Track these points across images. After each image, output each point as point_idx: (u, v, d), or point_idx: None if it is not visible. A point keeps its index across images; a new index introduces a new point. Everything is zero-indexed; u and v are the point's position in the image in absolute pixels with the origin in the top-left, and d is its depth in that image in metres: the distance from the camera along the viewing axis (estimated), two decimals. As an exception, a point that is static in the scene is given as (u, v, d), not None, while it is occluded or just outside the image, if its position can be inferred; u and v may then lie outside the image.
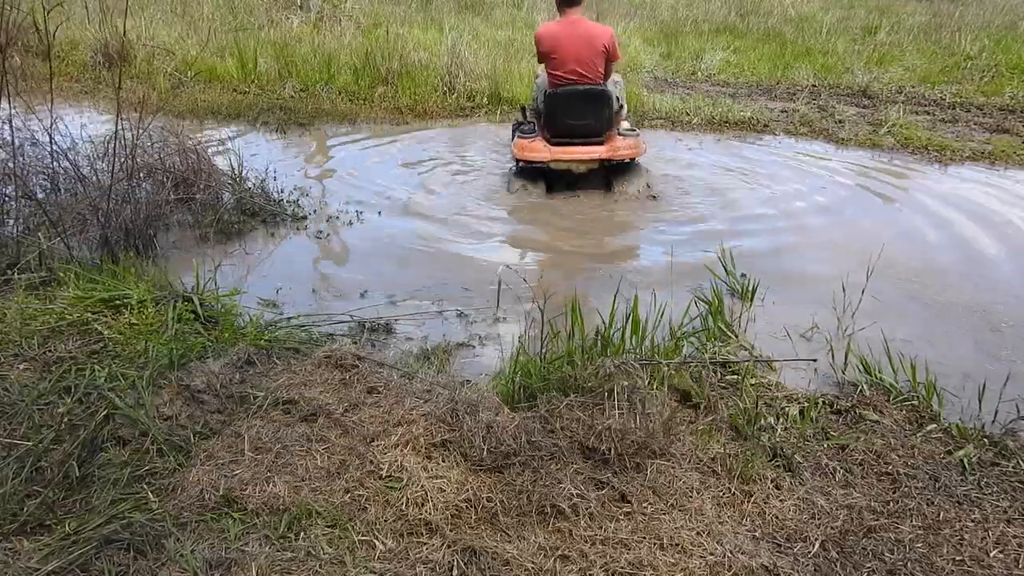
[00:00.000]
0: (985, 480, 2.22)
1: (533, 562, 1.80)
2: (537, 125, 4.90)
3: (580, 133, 4.64)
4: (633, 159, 4.78)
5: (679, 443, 2.25)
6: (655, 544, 1.86)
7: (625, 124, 5.00)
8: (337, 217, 4.35)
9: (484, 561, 1.80)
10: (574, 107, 4.57)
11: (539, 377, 2.46)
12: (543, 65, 4.78)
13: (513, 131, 5.22)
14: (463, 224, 4.32)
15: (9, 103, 3.40)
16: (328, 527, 1.88)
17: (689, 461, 2.19)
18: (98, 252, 3.40)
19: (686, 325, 2.95)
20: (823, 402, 2.57)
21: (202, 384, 2.41)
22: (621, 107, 4.92)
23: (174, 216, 3.99)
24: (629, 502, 2.02)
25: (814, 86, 8.04)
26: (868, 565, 1.88)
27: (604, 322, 2.73)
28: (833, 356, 2.87)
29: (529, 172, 4.79)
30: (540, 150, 4.67)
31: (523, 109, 5.31)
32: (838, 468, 2.23)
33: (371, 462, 2.11)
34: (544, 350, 2.60)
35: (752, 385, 2.62)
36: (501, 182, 5.00)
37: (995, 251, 4.05)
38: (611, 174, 4.80)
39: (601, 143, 4.68)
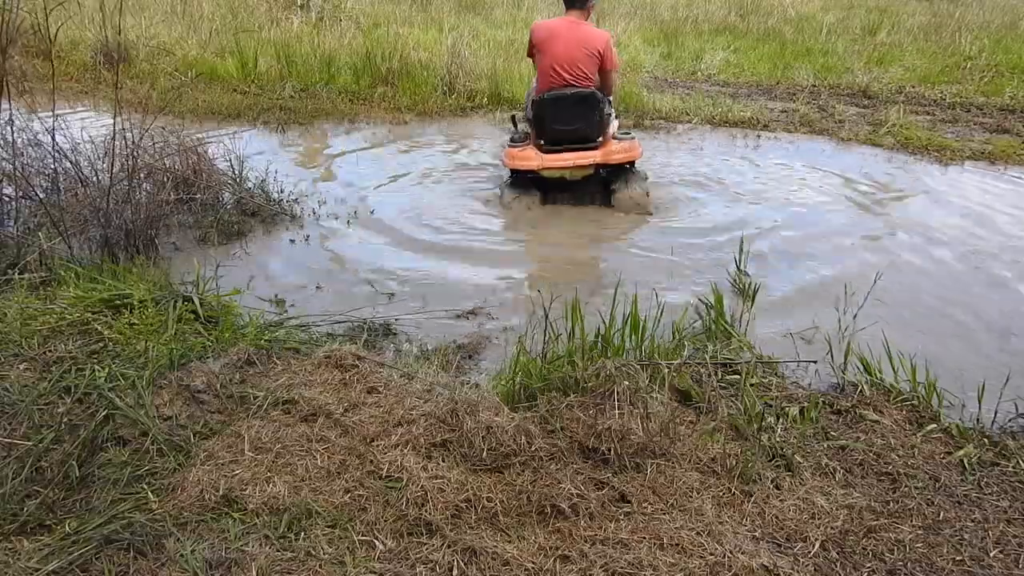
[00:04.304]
0: (985, 480, 2.22)
1: (533, 562, 1.80)
2: (530, 134, 4.69)
3: (572, 139, 4.46)
4: (630, 163, 4.59)
5: (679, 443, 2.25)
6: (655, 544, 1.86)
7: (615, 123, 4.81)
8: (337, 217, 4.35)
9: (484, 561, 1.80)
10: (564, 112, 4.37)
11: (539, 377, 2.46)
12: (532, 63, 4.60)
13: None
14: (463, 223, 4.31)
15: (10, 104, 3.41)
16: (328, 527, 1.88)
17: (689, 461, 2.19)
18: (98, 252, 3.40)
19: (687, 326, 2.95)
20: (823, 402, 2.57)
21: (202, 384, 2.41)
22: (609, 113, 4.63)
23: (174, 216, 3.99)
24: (629, 502, 2.02)
25: (814, 86, 8.04)
26: (868, 565, 1.88)
27: (605, 322, 2.73)
28: (833, 356, 2.87)
29: (522, 182, 4.62)
30: (531, 158, 4.50)
31: (513, 118, 5.10)
32: (838, 468, 2.23)
33: (371, 462, 2.11)
34: (544, 350, 2.60)
35: (752, 385, 2.62)
36: (501, 182, 5.00)
37: (997, 251, 4.04)
38: (607, 180, 4.63)
39: (595, 148, 4.50)
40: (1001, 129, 6.52)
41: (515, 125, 4.97)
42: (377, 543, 1.85)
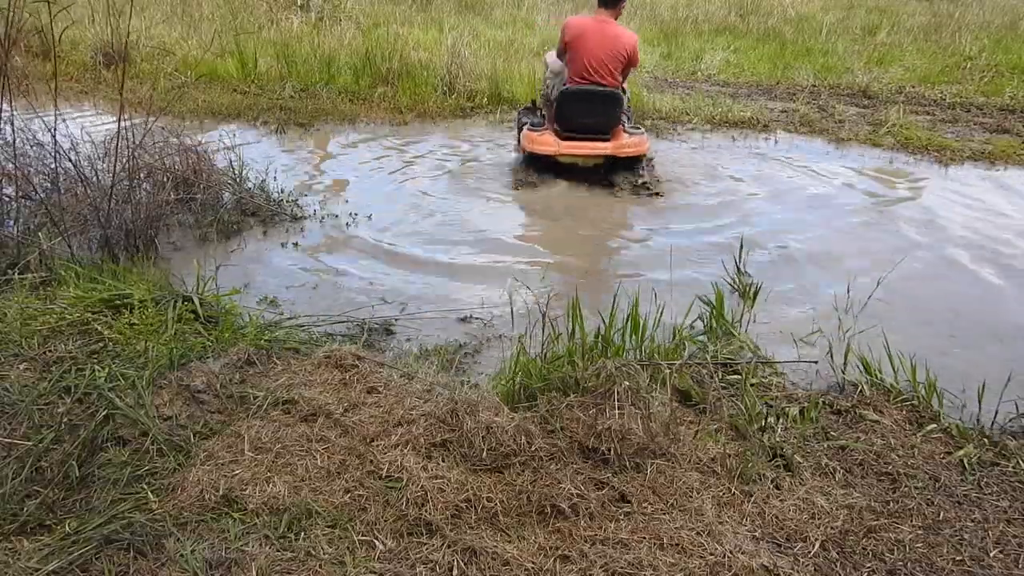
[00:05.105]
0: (985, 480, 2.22)
1: (533, 562, 1.80)
2: (547, 116, 5.02)
3: (589, 130, 4.80)
4: (639, 157, 4.90)
5: (679, 443, 2.25)
6: (655, 544, 1.86)
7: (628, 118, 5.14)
8: (337, 217, 4.35)
9: (484, 561, 1.80)
10: (587, 106, 4.73)
11: (539, 377, 2.46)
12: (552, 53, 4.96)
13: (518, 121, 5.32)
14: (462, 224, 4.32)
15: (11, 104, 3.40)
16: (328, 527, 1.88)
17: (689, 461, 2.19)
18: (98, 252, 3.40)
19: (688, 326, 2.95)
20: (823, 402, 2.57)
21: (202, 384, 2.41)
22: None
23: (174, 216, 3.99)
24: (629, 502, 2.02)
25: (814, 86, 8.04)
26: (868, 565, 1.88)
27: (604, 322, 2.73)
28: (833, 356, 2.87)
29: (536, 164, 4.95)
30: (549, 143, 4.82)
31: (534, 103, 5.50)
32: (838, 468, 2.23)
33: (371, 462, 2.11)
34: (544, 350, 2.60)
35: (753, 385, 2.62)
36: (501, 181, 5.01)
37: (996, 251, 4.04)
38: (616, 169, 4.92)
39: (608, 139, 4.82)
40: (1001, 129, 6.52)
41: (535, 106, 5.42)
42: (377, 543, 1.85)
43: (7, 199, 3.58)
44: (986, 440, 2.40)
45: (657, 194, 4.78)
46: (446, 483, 2.02)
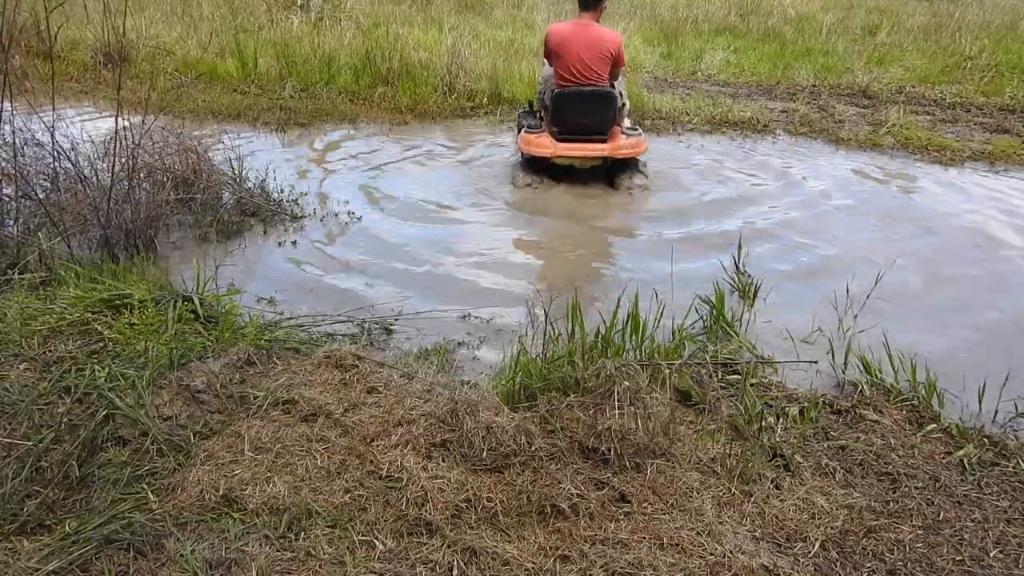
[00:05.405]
0: (985, 480, 2.22)
1: (533, 562, 1.80)
2: (544, 119, 5.01)
3: (585, 131, 4.79)
4: (635, 157, 4.89)
5: (679, 443, 2.25)
6: (655, 544, 1.86)
7: (627, 122, 5.12)
8: (337, 217, 4.35)
9: (484, 561, 1.80)
10: (581, 107, 4.72)
11: (539, 377, 2.46)
12: (547, 62, 4.94)
13: (518, 123, 5.33)
14: (462, 223, 4.31)
15: (11, 103, 3.41)
16: (328, 527, 1.88)
17: (689, 461, 2.19)
18: (98, 252, 3.40)
19: (688, 326, 2.95)
20: (823, 402, 2.57)
21: (202, 384, 2.41)
22: (624, 104, 5.01)
23: (174, 216, 3.99)
24: (629, 502, 2.03)
25: (814, 86, 8.04)
26: (868, 565, 1.88)
27: (605, 322, 2.73)
28: (833, 356, 2.87)
29: (534, 166, 4.96)
30: (546, 145, 4.82)
31: (531, 104, 5.48)
32: (838, 468, 2.23)
33: (371, 462, 2.11)
34: (545, 350, 2.60)
35: (753, 385, 2.62)
36: (501, 182, 5.01)
37: (996, 251, 4.04)
38: (613, 169, 4.94)
39: (604, 141, 4.81)
40: (1001, 129, 6.52)
41: (531, 109, 5.40)
42: (377, 543, 1.85)
43: (7, 199, 3.58)
44: (986, 440, 2.40)
45: (644, 187, 4.88)
46: (446, 483, 2.02)
